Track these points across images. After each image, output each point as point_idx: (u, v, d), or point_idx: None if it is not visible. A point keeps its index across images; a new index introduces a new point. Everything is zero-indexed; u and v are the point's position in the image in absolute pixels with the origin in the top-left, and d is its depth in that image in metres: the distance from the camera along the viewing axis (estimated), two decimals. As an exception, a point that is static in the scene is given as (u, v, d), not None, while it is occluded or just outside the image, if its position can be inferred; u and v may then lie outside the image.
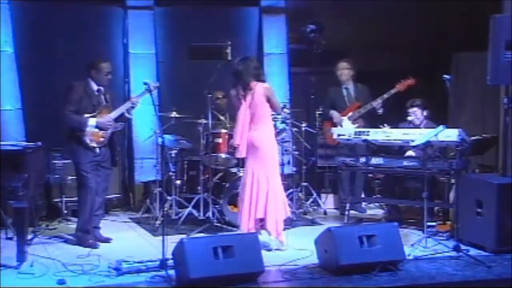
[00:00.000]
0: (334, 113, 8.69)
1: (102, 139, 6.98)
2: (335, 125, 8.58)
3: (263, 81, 6.99)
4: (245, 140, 6.93)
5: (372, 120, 8.48)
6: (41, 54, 8.64)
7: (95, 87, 7.03)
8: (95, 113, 6.95)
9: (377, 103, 8.46)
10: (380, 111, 8.48)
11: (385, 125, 7.89)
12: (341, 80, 8.74)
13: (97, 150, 6.97)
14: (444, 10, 9.65)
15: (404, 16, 9.64)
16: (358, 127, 8.30)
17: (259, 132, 6.92)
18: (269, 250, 6.77)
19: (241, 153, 7.00)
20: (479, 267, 6.24)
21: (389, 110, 8.52)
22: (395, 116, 8.39)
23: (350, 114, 8.60)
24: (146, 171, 9.03)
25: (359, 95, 8.73)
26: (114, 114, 7.05)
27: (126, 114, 7.16)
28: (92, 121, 6.91)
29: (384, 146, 7.88)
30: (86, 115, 6.91)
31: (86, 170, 6.96)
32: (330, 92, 8.84)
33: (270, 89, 6.98)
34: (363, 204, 8.91)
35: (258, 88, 6.90)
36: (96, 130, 6.94)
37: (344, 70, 8.73)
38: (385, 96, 8.43)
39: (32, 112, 8.49)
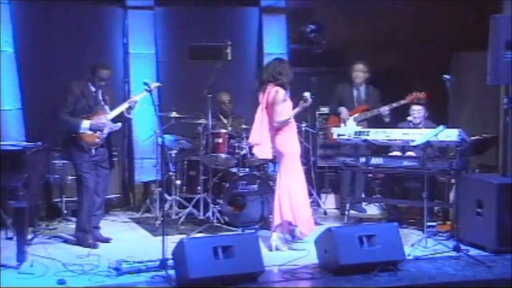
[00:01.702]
0: (343, 110, 8.68)
1: (97, 140, 6.97)
2: (339, 121, 8.60)
3: (281, 85, 6.95)
4: (266, 140, 6.94)
5: (376, 125, 8.45)
6: (41, 54, 8.63)
7: (93, 88, 7.04)
8: (90, 115, 6.94)
9: (384, 109, 8.45)
10: (387, 119, 8.45)
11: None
12: (355, 82, 8.72)
13: (93, 151, 6.96)
14: (444, 10, 9.65)
15: (404, 16, 9.64)
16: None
17: (281, 136, 6.95)
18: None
19: (264, 153, 7.03)
20: (479, 267, 6.24)
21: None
22: (396, 116, 8.42)
23: (357, 115, 8.60)
24: (146, 171, 9.02)
25: (369, 97, 8.73)
26: (111, 115, 7.05)
27: (126, 115, 7.16)
28: (85, 123, 6.91)
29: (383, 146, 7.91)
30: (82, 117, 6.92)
31: (84, 170, 6.96)
32: (339, 89, 8.82)
33: (278, 95, 6.92)
34: (363, 204, 8.91)
35: (271, 91, 6.92)
36: (90, 132, 6.93)
37: (360, 73, 8.71)
38: (394, 105, 8.41)
39: (32, 112, 8.48)
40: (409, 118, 8.15)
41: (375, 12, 9.56)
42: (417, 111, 8.09)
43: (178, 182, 8.13)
